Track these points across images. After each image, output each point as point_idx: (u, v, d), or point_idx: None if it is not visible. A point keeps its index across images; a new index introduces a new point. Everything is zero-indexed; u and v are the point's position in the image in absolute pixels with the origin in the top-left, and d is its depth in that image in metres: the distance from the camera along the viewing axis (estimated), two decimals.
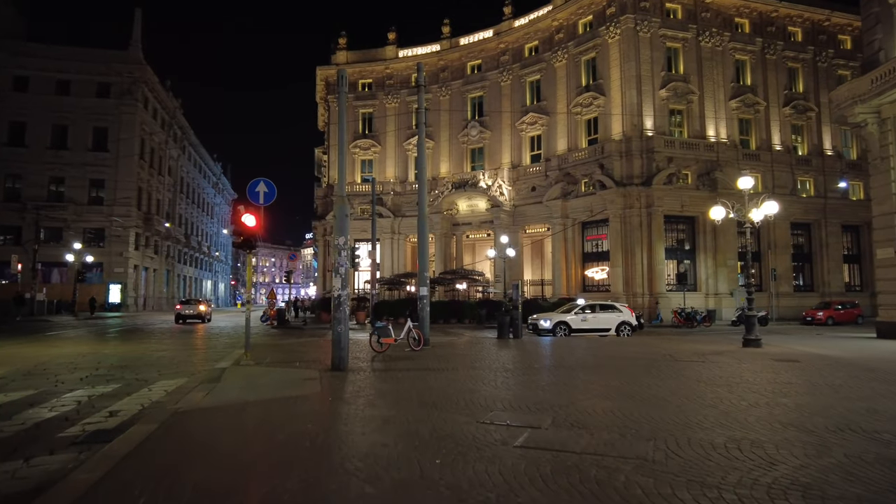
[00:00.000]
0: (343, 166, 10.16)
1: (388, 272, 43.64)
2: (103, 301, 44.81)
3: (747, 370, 10.96)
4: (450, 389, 8.24)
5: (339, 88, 10.05)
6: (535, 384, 8.96)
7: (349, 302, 10.21)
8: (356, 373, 10.01)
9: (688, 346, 16.52)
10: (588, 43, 38.57)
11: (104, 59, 47.48)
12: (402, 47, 47.64)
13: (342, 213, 9.78)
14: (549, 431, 5.78)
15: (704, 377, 9.95)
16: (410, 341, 14.15)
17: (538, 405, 7.15)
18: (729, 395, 8.12)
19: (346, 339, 10.11)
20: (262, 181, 11.07)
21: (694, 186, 35.77)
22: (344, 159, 10.12)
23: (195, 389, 8.67)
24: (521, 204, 41.64)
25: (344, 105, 10.18)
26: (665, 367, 11.27)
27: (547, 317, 21.37)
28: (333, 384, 8.79)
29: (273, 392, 8.24)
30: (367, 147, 47.89)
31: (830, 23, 41.13)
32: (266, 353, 13.85)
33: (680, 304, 31.70)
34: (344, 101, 10.14)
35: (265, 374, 9.82)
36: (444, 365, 11.29)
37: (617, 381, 9.28)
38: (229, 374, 9.99)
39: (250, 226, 10.96)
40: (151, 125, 53.31)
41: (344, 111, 10.19)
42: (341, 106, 10.17)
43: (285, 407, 7.11)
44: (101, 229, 46.80)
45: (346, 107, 10.16)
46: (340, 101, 10.14)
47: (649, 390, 8.43)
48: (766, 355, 13.86)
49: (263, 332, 23.60)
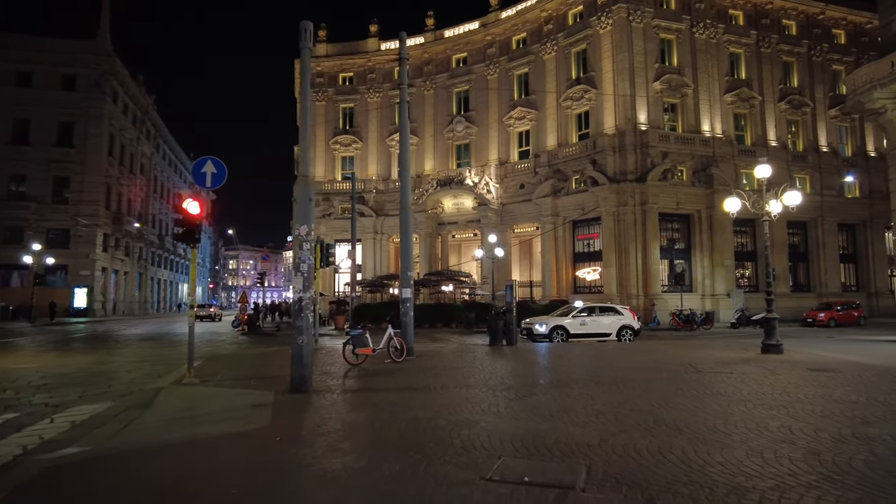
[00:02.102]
0: (306, 136, 8.25)
1: (371, 274, 41.61)
2: (67, 306, 42.16)
3: (790, 385, 9.24)
4: (440, 420, 6.35)
5: (303, 44, 8.15)
6: (546, 409, 7.12)
7: (313, 306, 8.29)
8: (322, 395, 8.07)
9: (702, 353, 14.83)
10: (579, 34, 37.00)
11: (69, 49, 44.80)
12: (385, 40, 45.68)
13: (304, 196, 7.87)
14: (590, 496, 3.94)
15: (746, 395, 8.20)
16: (391, 351, 12.23)
17: (560, 445, 5.31)
18: (793, 421, 6.36)
19: (309, 354, 8.18)
20: (209, 160, 9.12)
21: (689, 183, 34.34)
22: (307, 129, 8.23)
23: (111, 420, 6.73)
24: (509, 202, 39.91)
25: (307, 63, 8.27)
26: (693, 382, 9.51)
27: (542, 321, 19.55)
28: (289, 414, 6.87)
29: (207, 426, 6.29)
30: (347, 143, 45.84)
31: (825, 16, 40.07)
32: (221, 366, 11.86)
33: (677, 306, 30.13)
34: (307, 58, 8.25)
35: (206, 399, 7.85)
36: (431, 382, 9.40)
37: (647, 403, 7.48)
38: (164, 398, 8.02)
39: (194, 213, 9.01)
40: (122, 121, 50.65)
41: (307, 70, 8.29)
42: (304, 64, 8.25)
43: (213, 453, 5.19)
44: (65, 230, 44.03)
45: (309, 66, 8.29)
46: (304, 58, 8.23)
47: (693, 417, 6.63)
48: (796, 364, 12.19)
49: (231, 340, 21.51)
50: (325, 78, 46.62)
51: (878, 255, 39.57)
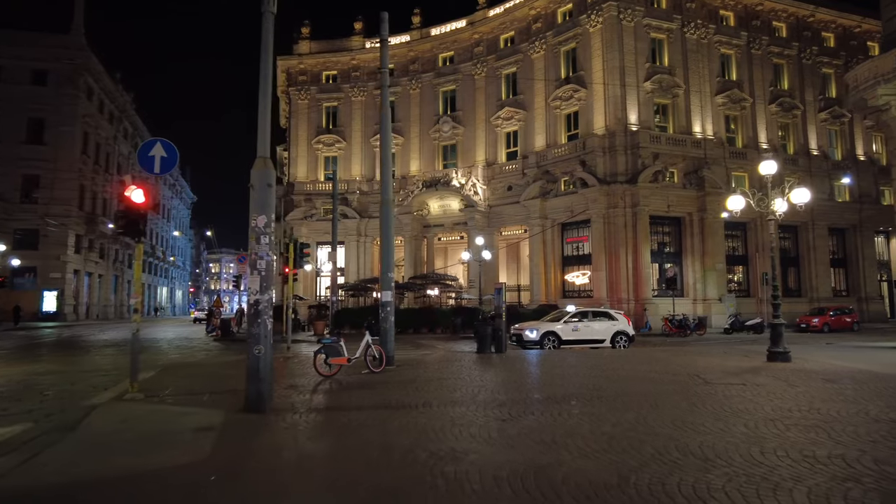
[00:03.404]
0: (267, 110, 7.10)
1: (354, 277, 40.32)
2: (36, 310, 40.36)
3: (815, 399, 8.23)
4: (420, 451, 5.20)
5: (265, 7, 7.02)
6: (547, 434, 6.00)
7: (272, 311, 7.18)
8: (282, 416, 6.86)
9: (704, 361, 13.83)
10: (568, 32, 36.17)
11: (40, 42, 43.05)
12: (370, 38, 44.46)
13: (263, 181, 6.71)
14: None
15: (771, 412, 7.16)
16: (369, 360, 11.04)
17: (571, 486, 4.20)
18: (843, 448, 5.31)
19: (267, 367, 6.99)
20: (158, 142, 7.91)
21: (681, 185, 33.60)
22: (268, 101, 7.09)
23: (18, 449, 5.50)
24: (496, 204, 38.91)
25: (270, 26, 7.12)
26: (706, 397, 8.46)
27: (533, 326, 18.46)
28: (237, 441, 5.67)
29: (130, 457, 5.09)
30: (331, 143, 44.56)
31: (815, 19, 39.70)
32: (178, 377, 10.60)
33: (669, 311, 29.25)
34: (270, 22, 7.10)
35: (144, 419, 6.63)
36: (412, 398, 8.24)
37: (663, 424, 6.39)
38: (95, 418, 6.79)
39: (138, 202, 7.80)
40: (97, 118, 48.87)
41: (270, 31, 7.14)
42: (266, 27, 7.10)
43: (122, 500, 4.00)
44: (34, 230, 42.14)
45: (272, 28, 7.12)
46: (265, 21, 7.09)
47: (720, 442, 5.56)
48: (809, 374, 11.22)
49: (201, 346, 20.15)
50: (308, 76, 45.38)
51: (868, 260, 39.15)
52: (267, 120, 7.13)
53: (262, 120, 7.06)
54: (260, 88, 7.12)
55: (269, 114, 7.14)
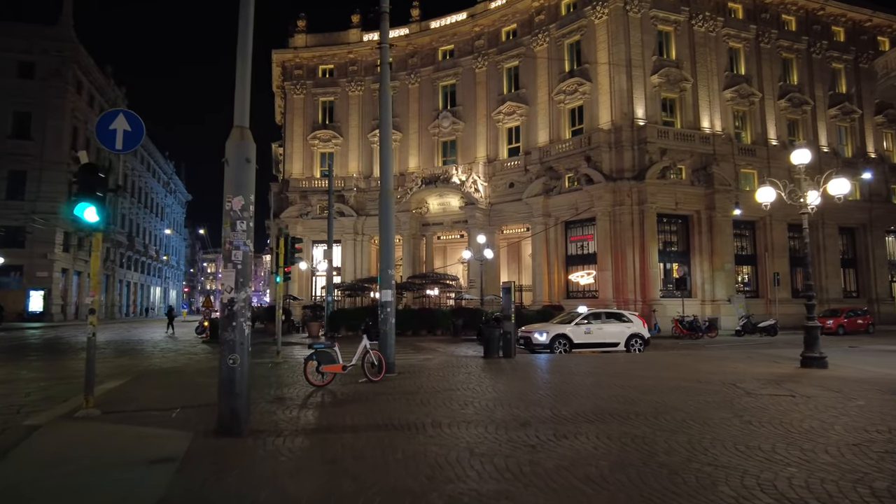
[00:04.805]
0: (247, 73, 5.92)
1: (351, 277, 39.12)
2: (21, 310, 39.00)
3: (886, 415, 7.09)
4: (434, 496, 4.01)
5: None
6: (593, 467, 4.81)
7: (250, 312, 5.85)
8: (261, 439, 5.65)
9: (731, 367, 12.70)
10: (572, 24, 35.03)
11: (25, 34, 41.70)
12: (368, 31, 43.25)
13: (239, 155, 5.54)
14: None
15: (842, 434, 6.01)
16: (367, 368, 9.84)
17: None
18: None
19: (243, 380, 5.80)
20: (120, 113, 6.74)
21: (689, 182, 32.49)
22: (247, 63, 5.90)
23: None
24: (497, 201, 37.73)
25: None
26: (757, 412, 7.30)
27: (542, 328, 17.26)
28: (200, 479, 4.46)
29: None
30: (327, 139, 43.31)
31: (824, 12, 38.66)
32: (151, 387, 9.38)
33: (678, 312, 28.13)
34: None
35: (92, 445, 5.43)
36: (417, 415, 7.04)
37: (728, 453, 5.21)
38: (33, 442, 5.58)
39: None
40: (87, 113, 47.44)
41: None
42: None
43: None
44: (20, 228, 40.75)
45: None
46: None
47: (812, 476, 4.40)
48: (858, 383, 10.07)
49: (187, 349, 18.92)
50: (304, 70, 44.14)
51: (879, 260, 38.12)
52: (246, 84, 5.95)
53: (240, 84, 5.88)
54: (238, 45, 5.95)
55: (248, 76, 5.96)
